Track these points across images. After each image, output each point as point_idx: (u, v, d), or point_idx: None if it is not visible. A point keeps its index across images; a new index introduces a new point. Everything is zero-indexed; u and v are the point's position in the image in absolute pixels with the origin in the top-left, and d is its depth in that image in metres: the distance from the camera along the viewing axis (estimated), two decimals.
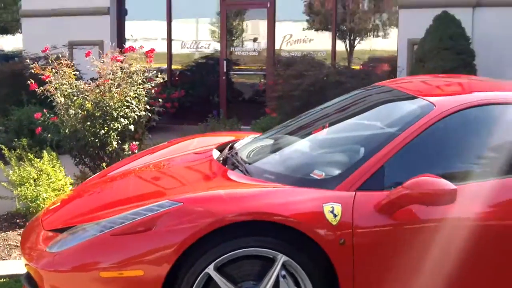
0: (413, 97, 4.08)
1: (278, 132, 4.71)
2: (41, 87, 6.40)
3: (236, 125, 8.41)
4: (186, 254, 3.28)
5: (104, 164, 6.28)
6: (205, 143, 4.91)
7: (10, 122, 8.92)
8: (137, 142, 6.61)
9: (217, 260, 3.30)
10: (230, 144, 4.62)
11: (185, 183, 4.06)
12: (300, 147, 4.25)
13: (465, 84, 4.67)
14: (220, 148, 4.63)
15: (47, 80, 6.34)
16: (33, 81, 6.46)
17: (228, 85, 11.28)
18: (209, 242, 3.29)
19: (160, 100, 7.01)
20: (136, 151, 6.50)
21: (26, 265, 3.75)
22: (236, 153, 4.29)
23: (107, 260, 3.34)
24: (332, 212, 3.38)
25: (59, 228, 3.74)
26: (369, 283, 3.42)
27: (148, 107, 6.72)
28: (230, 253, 3.31)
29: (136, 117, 6.60)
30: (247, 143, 4.59)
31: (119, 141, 6.55)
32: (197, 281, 3.30)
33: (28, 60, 7.17)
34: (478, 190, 3.52)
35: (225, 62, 11.14)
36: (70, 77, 6.40)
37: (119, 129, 6.49)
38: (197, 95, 11.38)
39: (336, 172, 3.68)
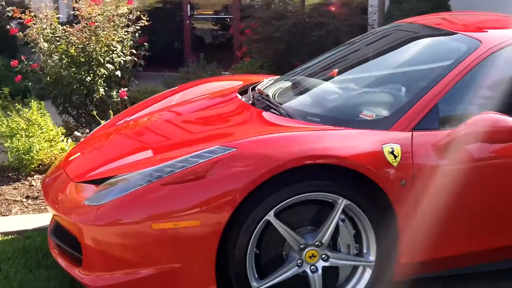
0: (453, 33, 3.95)
1: (300, 73, 4.51)
2: (21, 32, 5.99)
3: (216, 70, 8.13)
4: (244, 202, 3.10)
5: (94, 113, 5.97)
6: (217, 87, 4.68)
7: None
8: (125, 89, 6.30)
9: (277, 207, 3.14)
10: (252, 86, 4.39)
11: (221, 127, 3.85)
12: (335, 88, 4.07)
13: (498, 21, 4.53)
14: (241, 91, 4.40)
15: (29, 24, 5.92)
16: (13, 26, 6.04)
17: (192, 30, 10.92)
18: (268, 188, 3.12)
19: (145, 44, 6.68)
20: (126, 97, 6.21)
21: (55, 215, 3.51)
22: (267, 95, 4.07)
23: (159, 211, 3.12)
24: (392, 153, 3.26)
25: (91, 180, 3.49)
26: (428, 224, 3.34)
27: (134, 51, 6.41)
28: (290, 199, 3.16)
29: (122, 62, 6.29)
30: (270, 84, 4.37)
31: (106, 88, 6.24)
32: (256, 229, 3.14)
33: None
34: None
35: (189, 6, 10.76)
36: (54, 20, 6.00)
37: (105, 75, 6.17)
38: (160, 42, 10.94)
39: (385, 112, 3.55)
